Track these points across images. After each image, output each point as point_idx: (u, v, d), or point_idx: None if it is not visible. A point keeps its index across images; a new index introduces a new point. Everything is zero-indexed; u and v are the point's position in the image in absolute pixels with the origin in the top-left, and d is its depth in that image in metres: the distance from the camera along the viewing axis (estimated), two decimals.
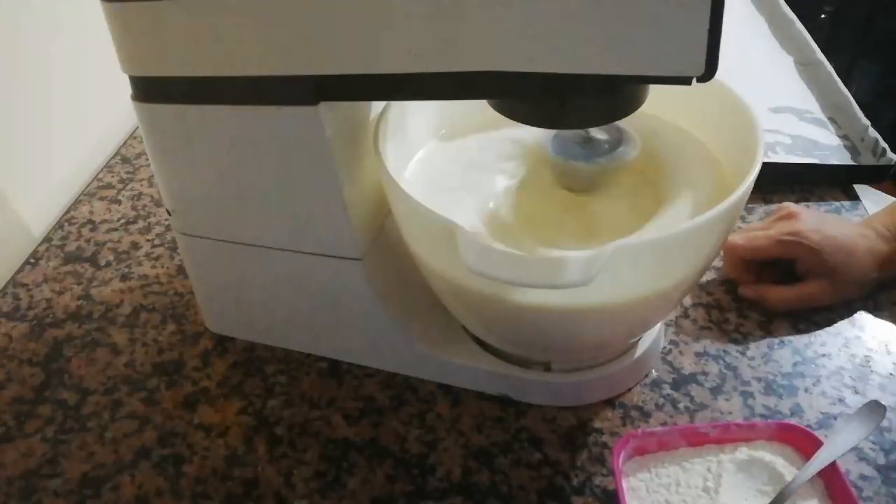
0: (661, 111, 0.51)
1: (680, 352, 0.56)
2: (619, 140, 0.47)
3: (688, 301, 0.60)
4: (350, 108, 0.46)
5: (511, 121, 0.42)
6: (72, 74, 0.78)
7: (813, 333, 0.57)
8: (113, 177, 0.79)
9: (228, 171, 0.48)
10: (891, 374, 0.53)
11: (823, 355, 0.55)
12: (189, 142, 0.48)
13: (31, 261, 0.68)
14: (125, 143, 0.85)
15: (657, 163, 0.50)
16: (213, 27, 0.41)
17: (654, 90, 0.41)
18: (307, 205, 0.48)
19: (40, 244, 0.70)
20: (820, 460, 0.44)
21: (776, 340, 0.56)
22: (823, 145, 0.73)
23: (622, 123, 0.47)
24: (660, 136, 0.51)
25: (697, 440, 0.46)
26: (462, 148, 0.53)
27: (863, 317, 0.58)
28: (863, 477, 0.47)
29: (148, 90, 0.46)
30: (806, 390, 0.53)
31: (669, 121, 0.52)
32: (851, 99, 0.79)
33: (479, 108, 0.43)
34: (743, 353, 0.55)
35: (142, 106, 0.47)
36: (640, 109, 0.41)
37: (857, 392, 0.52)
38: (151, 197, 0.76)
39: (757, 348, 0.56)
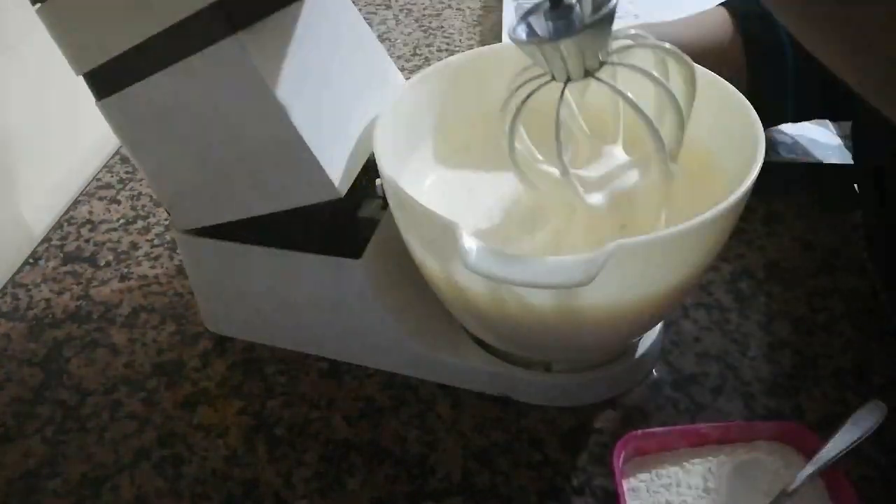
0: None
1: (680, 352, 0.56)
2: None
3: (688, 301, 0.60)
4: (272, 30, 0.44)
5: (512, 121, 0.41)
6: (71, 74, 0.78)
7: (813, 333, 0.57)
8: (112, 177, 0.79)
9: (192, 145, 0.47)
10: (891, 374, 0.53)
11: (824, 355, 0.55)
12: (150, 126, 0.47)
13: (31, 261, 0.68)
14: None
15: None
16: None
17: None
18: (271, 154, 0.46)
19: (39, 244, 0.70)
20: (820, 460, 0.44)
21: (776, 340, 0.56)
22: (823, 145, 0.73)
23: None
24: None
25: (698, 441, 0.46)
26: (464, 148, 0.53)
27: (863, 316, 0.58)
28: (863, 477, 0.47)
29: (102, 82, 0.46)
30: (806, 391, 0.52)
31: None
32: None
33: (480, 106, 0.43)
34: (743, 354, 0.55)
35: (105, 102, 0.47)
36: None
37: (857, 392, 0.52)
38: (150, 197, 0.76)
39: (757, 348, 0.56)
